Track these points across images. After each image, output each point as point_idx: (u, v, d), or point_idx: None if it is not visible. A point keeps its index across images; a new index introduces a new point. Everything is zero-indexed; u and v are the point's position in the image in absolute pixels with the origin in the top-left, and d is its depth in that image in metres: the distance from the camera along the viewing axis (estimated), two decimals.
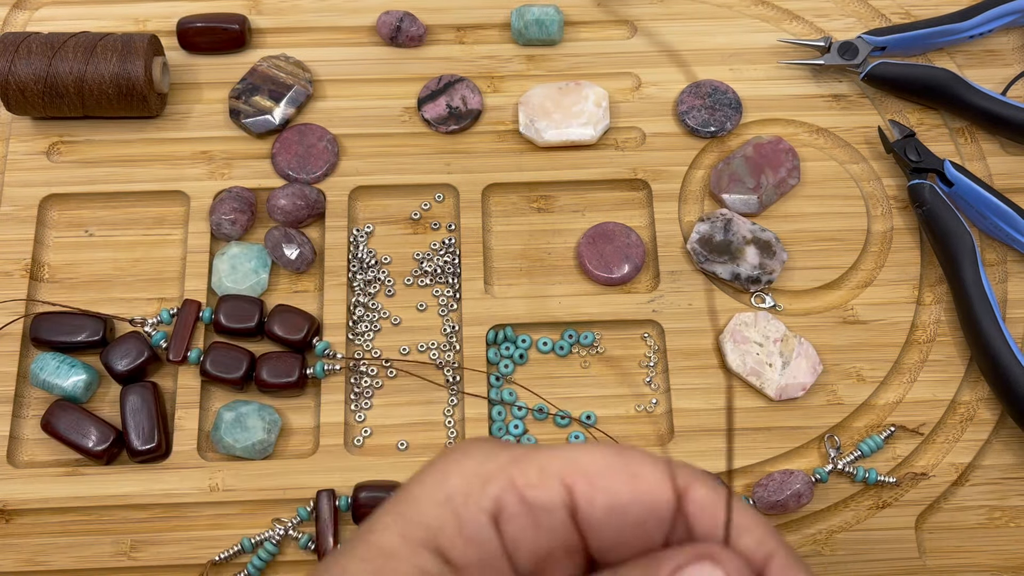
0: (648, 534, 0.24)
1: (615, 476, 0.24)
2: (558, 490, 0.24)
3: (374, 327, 0.52)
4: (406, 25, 0.57)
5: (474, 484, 0.24)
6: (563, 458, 0.24)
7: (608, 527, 0.24)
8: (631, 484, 0.24)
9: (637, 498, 0.23)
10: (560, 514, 0.24)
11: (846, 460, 0.49)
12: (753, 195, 0.54)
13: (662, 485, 0.24)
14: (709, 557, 0.23)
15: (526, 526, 0.24)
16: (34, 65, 0.52)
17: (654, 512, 0.24)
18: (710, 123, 0.56)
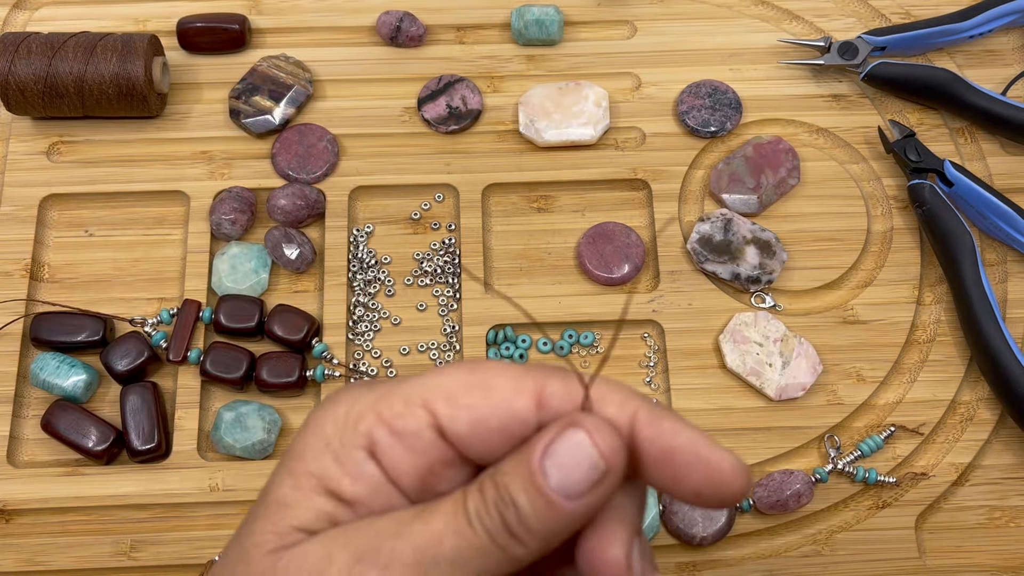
0: (517, 436, 0.25)
1: (472, 393, 0.25)
2: (422, 415, 0.25)
3: (374, 327, 0.52)
4: (406, 25, 0.57)
5: (347, 426, 0.26)
6: (423, 385, 0.26)
7: (475, 439, 0.25)
8: (487, 397, 0.25)
9: (495, 409, 0.25)
10: (428, 435, 0.25)
11: (846, 460, 0.49)
12: (753, 195, 0.54)
13: (517, 391, 0.25)
14: (573, 425, 0.24)
15: (401, 452, 0.25)
16: (34, 65, 0.52)
17: (515, 417, 0.25)
18: (710, 123, 0.56)
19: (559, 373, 0.26)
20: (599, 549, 0.25)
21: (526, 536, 0.25)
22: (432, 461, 0.26)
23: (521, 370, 0.26)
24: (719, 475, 0.24)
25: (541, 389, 0.25)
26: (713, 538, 0.47)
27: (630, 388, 0.26)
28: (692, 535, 0.47)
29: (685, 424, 0.25)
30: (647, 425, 0.25)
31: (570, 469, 0.24)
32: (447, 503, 0.25)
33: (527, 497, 0.24)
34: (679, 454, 0.25)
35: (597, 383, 0.26)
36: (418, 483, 0.26)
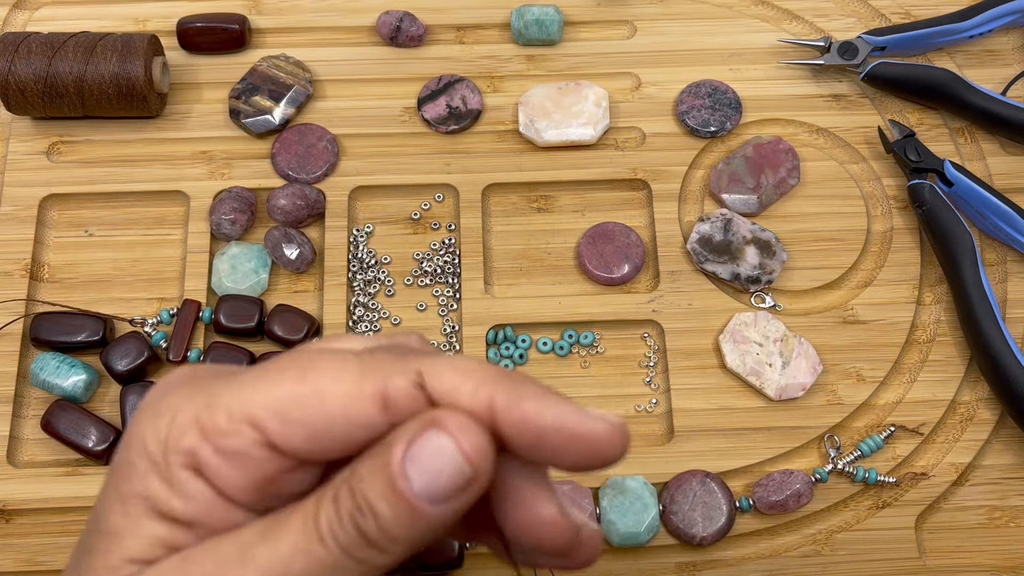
0: (365, 440, 0.23)
1: (303, 407, 0.23)
2: (249, 433, 0.23)
3: (374, 327, 0.52)
4: (406, 25, 0.57)
5: (169, 443, 0.24)
6: (248, 397, 0.23)
7: (315, 451, 0.23)
8: (322, 410, 0.23)
9: (333, 422, 0.23)
10: (259, 452, 0.23)
11: (846, 460, 0.49)
12: (753, 195, 0.54)
13: (356, 398, 0.23)
14: (434, 426, 0.22)
15: (230, 470, 0.23)
16: (34, 65, 0.52)
17: (359, 425, 0.23)
18: (710, 123, 0.56)
19: (401, 365, 0.23)
20: (532, 514, 0.24)
21: (389, 545, 0.23)
22: (268, 474, 0.24)
23: (358, 371, 0.23)
24: (596, 446, 0.23)
25: (384, 389, 0.23)
26: (713, 538, 0.47)
27: (480, 366, 0.24)
28: (692, 535, 0.47)
29: (548, 400, 0.23)
30: (507, 411, 0.23)
31: (434, 475, 0.22)
32: (296, 519, 0.23)
33: (388, 505, 0.22)
34: (548, 435, 0.23)
35: (440, 370, 0.23)
36: (257, 495, 0.24)
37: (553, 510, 0.24)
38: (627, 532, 0.46)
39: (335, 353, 0.24)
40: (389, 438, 0.23)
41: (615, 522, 0.46)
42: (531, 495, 0.24)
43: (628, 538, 0.46)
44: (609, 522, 0.46)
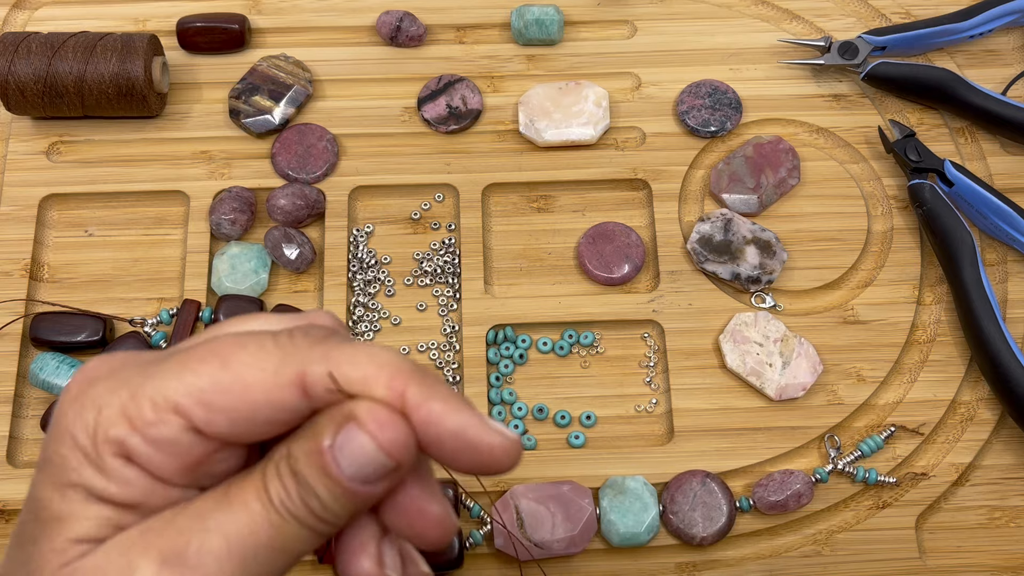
0: (291, 421, 0.25)
1: (226, 394, 0.24)
2: (175, 421, 0.24)
3: (374, 327, 0.52)
4: (406, 25, 0.57)
5: (98, 434, 0.25)
6: (171, 386, 0.24)
7: (242, 435, 0.25)
8: (244, 396, 0.24)
9: (256, 407, 0.24)
10: (187, 438, 0.24)
11: (846, 460, 0.49)
12: (753, 195, 0.54)
13: (277, 386, 0.24)
14: (352, 420, 0.24)
15: (161, 457, 0.24)
16: (34, 65, 0.52)
17: (282, 409, 0.24)
18: (710, 123, 0.56)
19: (319, 352, 0.25)
20: (420, 508, 0.25)
21: (333, 517, 0.24)
22: (197, 457, 0.25)
23: (278, 357, 0.24)
24: (489, 457, 0.24)
25: (302, 376, 0.24)
26: (713, 538, 0.47)
27: (395, 358, 0.25)
28: (692, 535, 0.47)
29: (454, 404, 0.24)
30: (417, 407, 0.24)
31: (361, 464, 0.24)
32: (248, 491, 0.24)
33: (325, 487, 0.24)
34: (448, 439, 0.24)
35: (357, 360, 0.24)
36: (190, 476, 0.25)
37: (439, 510, 0.26)
38: (627, 532, 0.46)
39: (253, 337, 0.25)
40: (318, 424, 0.24)
41: (615, 522, 0.46)
42: (423, 485, 0.26)
43: (628, 538, 0.46)
44: (609, 522, 0.46)
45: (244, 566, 0.24)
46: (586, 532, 0.46)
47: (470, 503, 0.47)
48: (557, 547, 0.46)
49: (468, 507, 0.47)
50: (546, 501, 0.46)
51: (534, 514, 0.46)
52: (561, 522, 0.46)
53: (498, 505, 0.47)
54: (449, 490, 0.46)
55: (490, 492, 0.48)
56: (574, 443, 0.49)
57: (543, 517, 0.46)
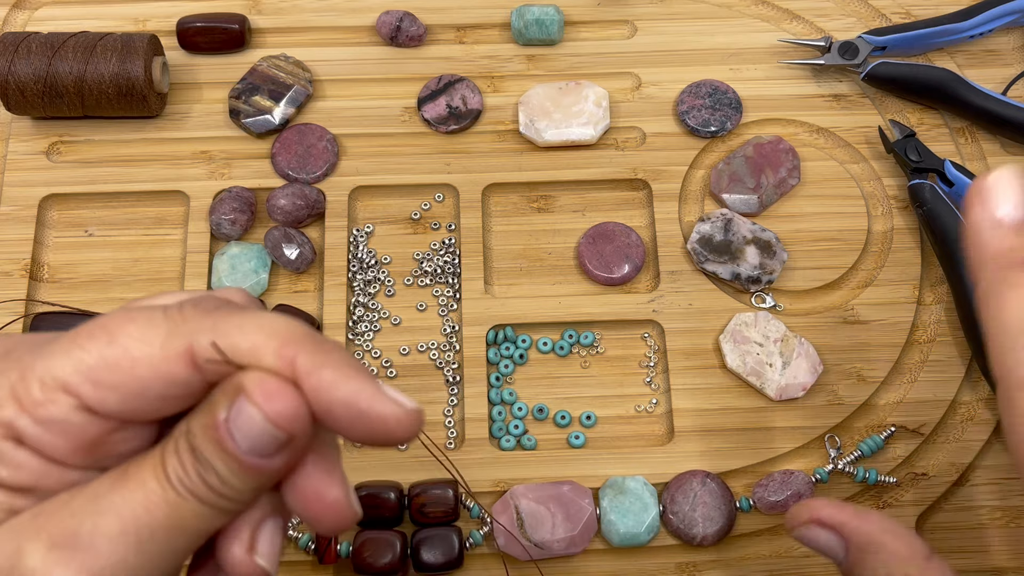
0: (186, 395, 0.24)
1: (115, 371, 0.23)
2: (64, 400, 0.24)
3: (374, 327, 0.52)
4: (406, 25, 0.57)
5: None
6: (59, 363, 0.24)
7: (135, 412, 0.24)
8: (133, 372, 0.23)
9: (146, 383, 0.24)
10: (79, 417, 0.24)
11: (846, 460, 0.49)
12: (753, 195, 0.54)
13: (165, 360, 0.23)
14: (241, 393, 0.23)
15: (52, 438, 0.24)
16: (34, 65, 0.52)
17: (174, 383, 0.24)
18: (710, 123, 0.56)
19: (209, 323, 0.24)
20: (318, 492, 0.24)
21: (234, 493, 0.24)
22: (92, 436, 0.24)
23: (165, 331, 0.24)
24: (383, 427, 0.23)
25: (190, 349, 0.23)
26: (713, 538, 0.47)
27: (286, 325, 0.24)
28: (692, 535, 0.47)
29: (347, 372, 0.23)
30: (307, 375, 0.23)
31: (253, 437, 0.23)
32: (145, 469, 0.24)
33: (222, 461, 0.23)
34: (340, 408, 0.23)
35: (246, 328, 0.24)
36: (87, 457, 0.24)
37: (339, 494, 0.25)
38: (627, 532, 0.46)
39: (143, 311, 0.24)
40: (214, 397, 0.24)
41: (615, 522, 0.46)
42: (322, 468, 0.25)
43: (628, 538, 0.46)
44: (609, 522, 0.46)
45: (139, 547, 0.23)
46: (586, 532, 0.46)
47: (470, 503, 0.47)
48: (557, 547, 0.46)
49: (468, 507, 0.47)
50: (546, 501, 0.46)
51: (534, 514, 0.46)
52: (561, 522, 0.46)
53: (498, 505, 0.47)
54: (449, 490, 0.46)
55: (490, 493, 0.48)
56: (574, 443, 0.49)
57: (543, 517, 0.46)
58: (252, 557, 0.25)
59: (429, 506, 0.46)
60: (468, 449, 0.49)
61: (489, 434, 0.50)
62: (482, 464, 0.49)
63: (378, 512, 0.46)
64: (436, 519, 0.46)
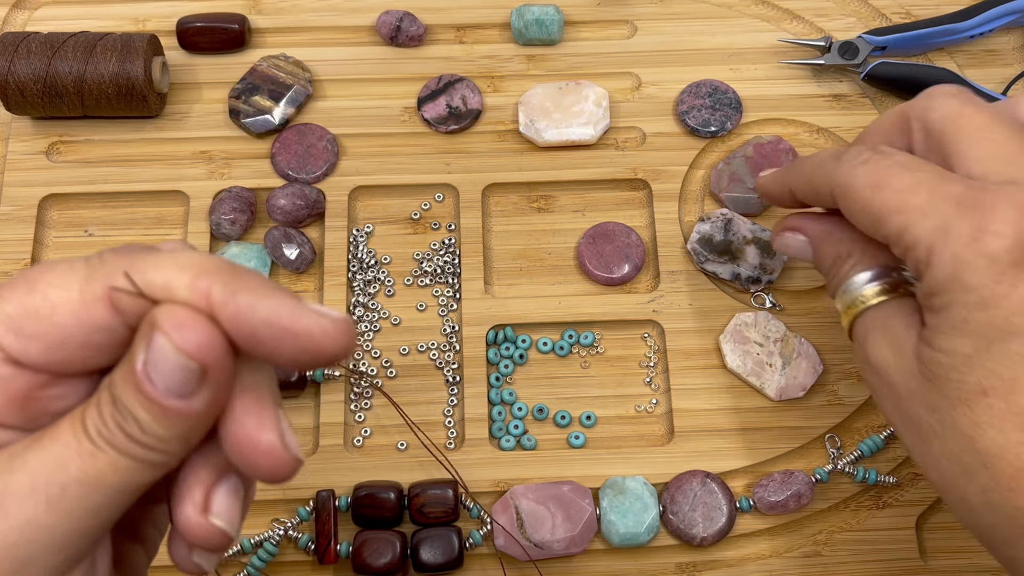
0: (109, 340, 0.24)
1: (35, 318, 0.23)
2: None
3: (374, 327, 0.52)
4: (406, 25, 0.57)
5: None
6: None
7: (61, 361, 0.23)
8: (53, 318, 0.23)
9: (68, 329, 0.23)
10: (4, 370, 0.23)
11: (846, 460, 0.49)
12: (753, 195, 0.54)
13: (84, 304, 0.23)
14: (154, 327, 0.22)
15: None
16: (33, 65, 0.52)
17: (97, 328, 0.23)
18: (710, 123, 0.56)
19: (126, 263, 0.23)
20: (249, 437, 0.24)
21: (158, 443, 0.23)
22: (22, 390, 0.24)
23: (84, 275, 0.23)
24: (310, 342, 0.23)
25: (108, 290, 0.23)
26: (713, 538, 0.47)
27: (200, 259, 0.23)
28: (692, 535, 0.47)
29: (263, 293, 0.23)
30: (223, 305, 0.23)
31: (168, 374, 0.22)
32: (64, 425, 0.23)
33: (142, 407, 0.23)
34: (263, 329, 0.23)
35: (159, 265, 0.23)
36: (19, 413, 0.24)
37: (272, 437, 0.24)
38: (627, 532, 0.46)
39: (65, 261, 0.24)
40: (134, 342, 0.23)
41: (615, 522, 0.46)
42: (254, 412, 0.24)
43: (628, 538, 0.46)
44: (609, 522, 0.46)
45: (50, 503, 0.22)
46: (586, 532, 0.46)
47: (470, 503, 0.47)
48: (557, 547, 0.46)
49: (468, 507, 0.47)
50: (546, 501, 0.46)
51: (534, 514, 0.46)
52: (561, 522, 0.46)
53: (498, 505, 0.47)
54: (449, 490, 0.46)
55: (490, 493, 0.48)
56: (574, 443, 0.49)
57: (543, 517, 0.46)
58: (206, 517, 0.24)
59: (429, 506, 0.46)
60: (468, 449, 0.49)
61: (489, 434, 0.50)
62: (482, 464, 0.49)
63: (378, 512, 0.46)
64: (436, 519, 0.46)
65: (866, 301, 0.38)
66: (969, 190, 0.33)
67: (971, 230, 0.32)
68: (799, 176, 0.41)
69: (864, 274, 0.38)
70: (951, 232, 0.32)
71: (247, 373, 0.24)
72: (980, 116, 0.35)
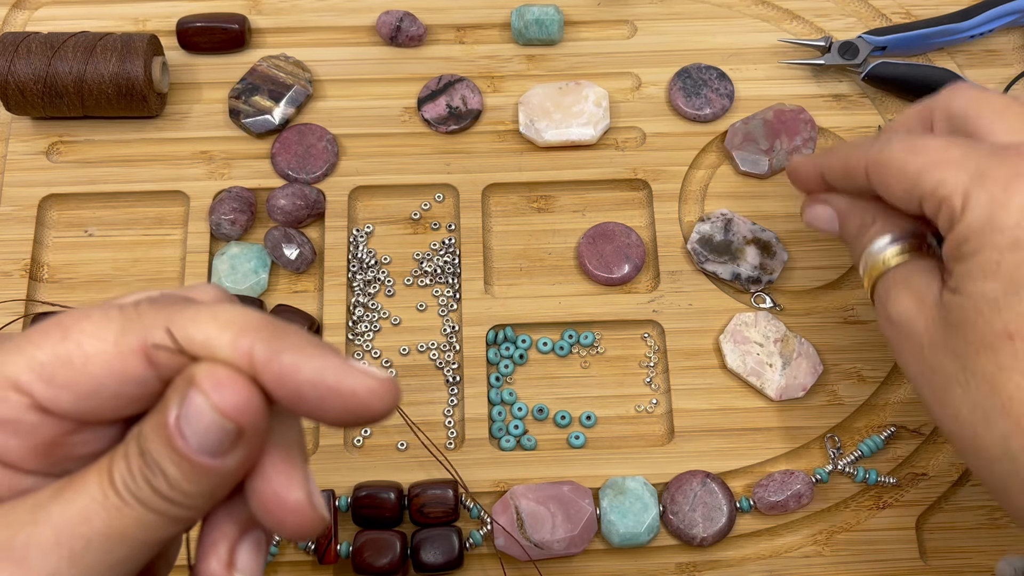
0: (142, 395, 0.23)
1: (67, 367, 0.23)
2: (16, 399, 0.23)
3: (374, 327, 0.52)
4: (406, 25, 0.57)
5: None
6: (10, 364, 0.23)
7: (90, 411, 0.23)
8: (86, 369, 0.23)
9: (101, 380, 0.23)
10: (32, 417, 0.23)
11: (846, 460, 0.49)
12: (764, 157, 0.54)
13: (120, 356, 0.23)
14: (191, 384, 0.22)
15: (4, 437, 0.23)
16: (34, 65, 0.52)
17: (129, 381, 0.23)
18: (704, 106, 0.56)
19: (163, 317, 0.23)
20: (278, 495, 0.23)
21: (184, 499, 0.23)
22: (47, 438, 0.23)
23: (119, 327, 0.23)
24: (356, 402, 0.22)
25: (144, 344, 0.23)
26: (713, 538, 0.47)
27: (241, 315, 0.23)
28: (692, 535, 0.47)
29: (308, 352, 0.22)
30: (266, 364, 0.22)
31: (203, 432, 0.22)
32: (91, 477, 0.23)
33: (172, 462, 0.22)
34: (308, 389, 0.22)
35: (200, 320, 0.23)
36: (43, 460, 0.24)
37: (300, 496, 0.23)
38: (627, 532, 0.46)
39: (99, 309, 0.24)
40: (166, 395, 0.23)
41: (615, 522, 0.46)
42: (283, 470, 0.24)
43: (628, 538, 0.46)
44: (609, 522, 0.46)
45: (73, 558, 0.22)
46: (586, 532, 0.46)
47: (470, 503, 0.47)
48: (557, 547, 0.46)
49: (468, 507, 0.47)
50: (546, 501, 0.46)
51: (534, 514, 0.46)
52: (561, 522, 0.46)
53: (498, 506, 0.47)
54: (449, 490, 0.46)
55: (490, 493, 0.48)
56: (574, 443, 0.49)
57: (543, 517, 0.46)
58: (231, 573, 0.24)
59: (429, 506, 0.46)
60: (468, 449, 0.49)
61: (489, 434, 0.50)
62: (482, 464, 0.49)
63: (378, 512, 0.46)
64: (436, 519, 0.46)
65: (887, 262, 0.39)
66: (1002, 146, 0.35)
67: (1007, 174, 0.34)
68: (833, 157, 0.42)
69: (886, 237, 0.40)
70: (987, 177, 0.34)
71: (278, 428, 0.24)
72: (999, 99, 0.38)
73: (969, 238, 0.34)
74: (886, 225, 0.40)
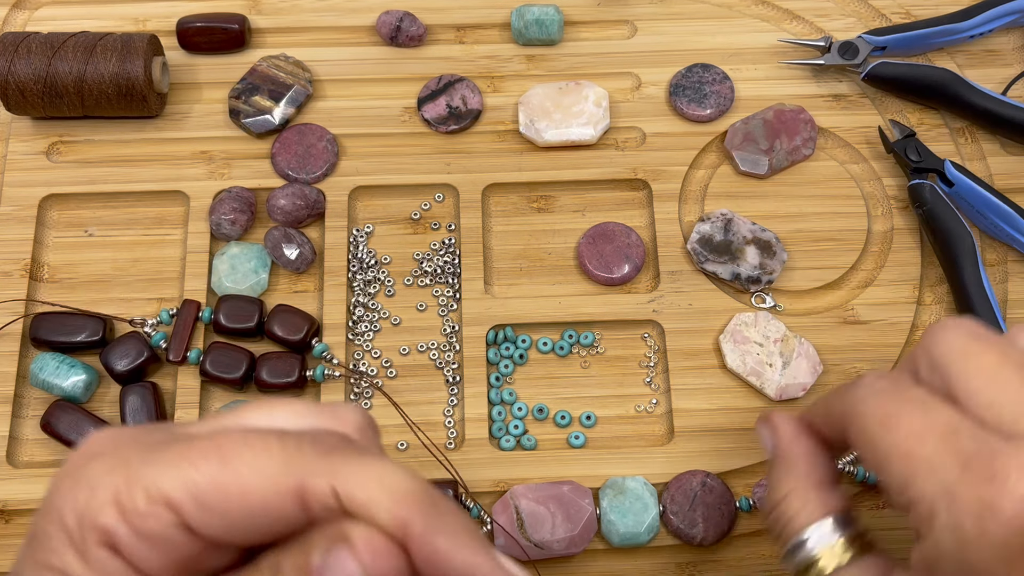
0: (284, 528, 0.24)
1: (224, 496, 0.23)
2: (166, 516, 0.23)
3: (374, 327, 0.52)
4: (406, 25, 0.57)
5: (86, 517, 0.23)
6: (167, 480, 0.23)
7: (234, 536, 0.24)
8: (239, 500, 0.23)
9: (253, 514, 0.23)
10: (178, 535, 0.23)
11: (846, 460, 0.49)
12: (764, 156, 0.54)
13: (276, 494, 0.23)
14: (342, 542, 0.22)
15: (148, 551, 0.23)
16: (34, 65, 0.52)
17: (278, 519, 0.23)
18: (704, 106, 0.56)
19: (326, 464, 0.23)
20: None
21: None
22: (188, 554, 0.24)
23: (280, 463, 0.23)
24: None
25: (303, 488, 0.23)
26: (713, 538, 0.47)
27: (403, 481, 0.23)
28: (692, 535, 0.47)
29: (462, 540, 0.23)
30: (420, 540, 0.23)
31: None
32: None
33: None
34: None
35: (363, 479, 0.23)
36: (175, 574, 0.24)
37: None
38: (627, 532, 0.46)
39: (260, 437, 0.24)
40: (311, 538, 0.23)
41: (615, 522, 0.46)
42: None
43: (628, 538, 0.46)
44: (609, 522, 0.46)
45: None
46: (586, 532, 0.46)
47: (470, 503, 0.47)
48: (557, 547, 0.46)
49: (468, 507, 0.47)
50: (546, 501, 0.46)
51: (534, 514, 0.46)
52: (561, 522, 0.46)
53: (498, 505, 0.47)
54: (449, 490, 0.46)
55: (490, 493, 0.48)
56: (574, 443, 0.49)
57: (543, 517, 0.46)
58: None
59: None
60: (468, 449, 0.49)
61: (489, 434, 0.50)
62: (482, 464, 0.49)
63: None
64: None
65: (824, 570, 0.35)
66: (980, 448, 0.30)
67: (978, 504, 0.29)
68: (819, 404, 0.38)
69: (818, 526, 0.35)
70: (956, 499, 0.29)
71: None
72: (989, 354, 0.32)
73: (939, 561, 0.31)
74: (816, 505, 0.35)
